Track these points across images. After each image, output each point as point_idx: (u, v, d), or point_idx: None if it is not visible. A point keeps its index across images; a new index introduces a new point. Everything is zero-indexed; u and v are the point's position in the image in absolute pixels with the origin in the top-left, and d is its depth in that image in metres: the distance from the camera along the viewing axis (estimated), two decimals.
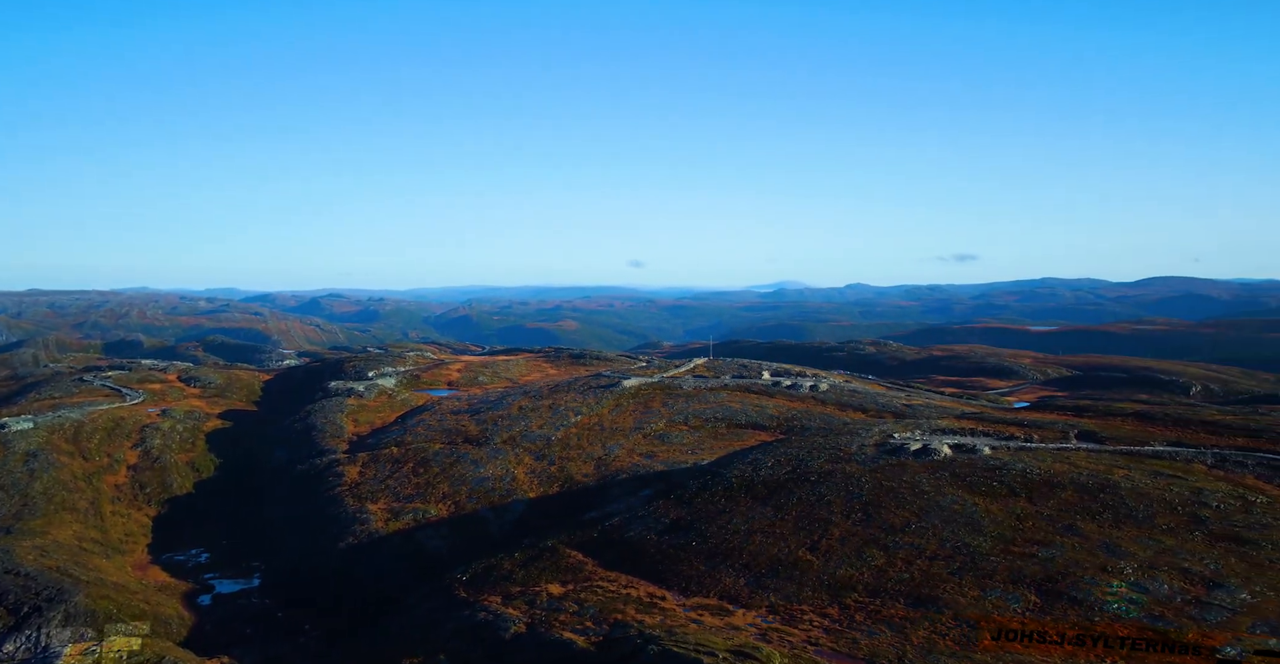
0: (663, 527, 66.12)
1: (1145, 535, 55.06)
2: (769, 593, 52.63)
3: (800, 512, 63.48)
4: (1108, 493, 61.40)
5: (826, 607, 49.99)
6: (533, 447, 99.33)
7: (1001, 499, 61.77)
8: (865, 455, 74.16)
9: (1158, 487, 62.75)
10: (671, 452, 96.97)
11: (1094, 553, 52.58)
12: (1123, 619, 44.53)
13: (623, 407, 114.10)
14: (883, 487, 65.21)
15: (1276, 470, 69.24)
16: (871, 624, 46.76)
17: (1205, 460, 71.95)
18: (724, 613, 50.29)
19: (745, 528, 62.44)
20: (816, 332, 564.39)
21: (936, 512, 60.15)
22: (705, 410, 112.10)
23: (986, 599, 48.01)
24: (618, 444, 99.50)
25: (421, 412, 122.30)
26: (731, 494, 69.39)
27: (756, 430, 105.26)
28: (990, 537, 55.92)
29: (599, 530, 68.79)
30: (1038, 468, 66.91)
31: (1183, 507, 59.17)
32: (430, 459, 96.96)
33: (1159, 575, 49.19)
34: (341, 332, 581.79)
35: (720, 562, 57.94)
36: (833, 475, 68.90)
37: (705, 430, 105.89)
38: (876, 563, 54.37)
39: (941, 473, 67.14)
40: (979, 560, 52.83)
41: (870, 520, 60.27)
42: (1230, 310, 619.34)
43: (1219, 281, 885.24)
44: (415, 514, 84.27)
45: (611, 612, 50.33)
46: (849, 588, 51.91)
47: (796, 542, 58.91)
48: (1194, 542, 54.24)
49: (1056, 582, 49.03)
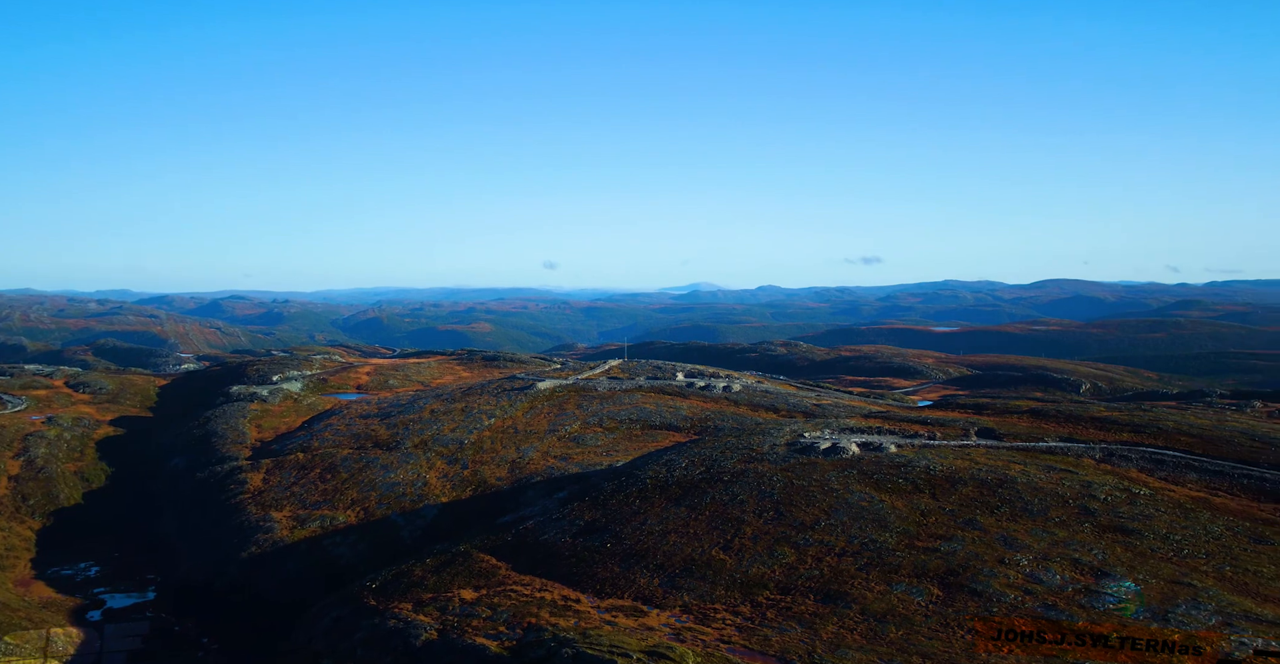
0: (577, 529, 65.94)
1: (1039, 528, 57.53)
2: (683, 593, 53.02)
3: (714, 511, 64.15)
4: (1005, 488, 63.95)
5: (739, 605, 50.62)
6: (445, 450, 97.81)
7: (906, 495, 63.66)
8: (777, 455, 75.44)
9: (1051, 481, 65.67)
10: (586, 453, 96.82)
11: (992, 546, 54.67)
12: (1019, 610, 46.40)
13: (537, 409, 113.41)
14: (794, 485, 66.44)
15: (1158, 463, 73.33)
16: (783, 621, 47.56)
17: (1094, 455, 75.66)
18: (639, 614, 50.43)
19: (660, 528, 62.77)
20: (729, 333, 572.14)
21: (845, 509, 61.60)
22: (620, 412, 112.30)
23: (893, 593, 49.38)
24: (532, 447, 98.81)
25: (329, 416, 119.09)
26: (646, 495, 69.67)
27: (671, 431, 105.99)
28: (896, 532, 57.56)
29: (513, 534, 68.17)
30: (940, 465, 69.21)
31: (1073, 500, 62.08)
32: (338, 465, 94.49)
33: (1052, 566, 51.46)
34: (244, 334, 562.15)
35: (635, 563, 58.09)
36: (745, 475, 69.86)
37: (620, 432, 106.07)
38: (788, 560, 55.34)
39: (850, 471, 68.81)
40: (885, 555, 54.32)
41: (782, 519, 61.33)
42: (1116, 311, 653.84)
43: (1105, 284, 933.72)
44: (322, 521, 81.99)
45: (525, 616, 49.91)
46: (761, 586, 52.70)
47: (710, 541, 59.51)
48: (1084, 533, 56.93)
49: (958, 575, 50.77)
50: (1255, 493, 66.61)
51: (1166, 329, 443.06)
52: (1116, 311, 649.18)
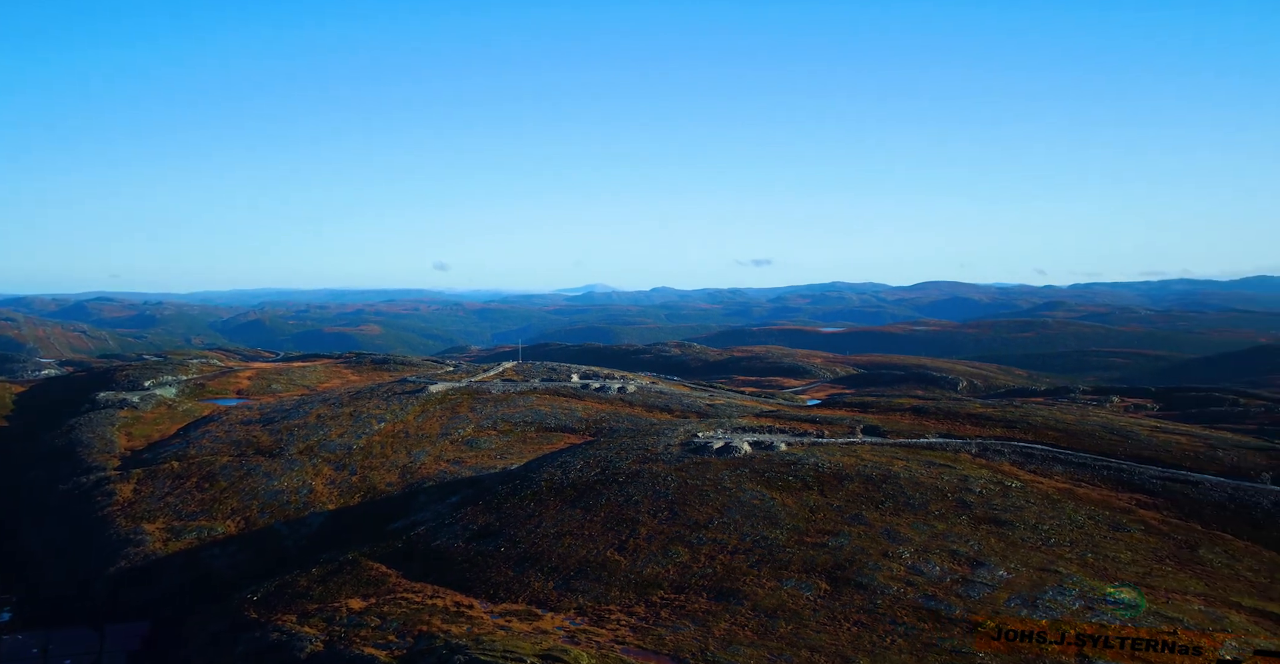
0: (471, 534, 64.97)
1: (921, 521, 59.95)
2: (578, 595, 52.91)
3: (609, 512, 64.27)
4: (889, 483, 66.38)
5: (634, 605, 50.86)
6: (332, 456, 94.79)
7: (796, 493, 65.31)
8: (671, 455, 76.19)
9: (931, 476, 68.54)
10: (480, 457, 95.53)
11: (877, 540, 56.64)
12: (901, 601, 48.21)
13: (429, 412, 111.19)
14: (688, 485, 67.22)
15: (1028, 457, 77.49)
16: (676, 620, 48.04)
17: (971, 450, 79.37)
18: (532, 617, 50.05)
19: (554, 531, 62.47)
20: (624, 334, 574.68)
21: (738, 507, 62.70)
22: (514, 414, 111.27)
23: (783, 589, 50.53)
24: (424, 451, 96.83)
25: (207, 423, 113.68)
26: (541, 498, 69.25)
27: (566, 433, 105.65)
28: (786, 529, 58.96)
29: (404, 540, 66.63)
30: (828, 462, 71.28)
31: (952, 493, 64.96)
32: (217, 473, 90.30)
33: (932, 558, 53.69)
34: (113, 338, 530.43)
35: (529, 566, 57.63)
36: (640, 475, 70.26)
37: (514, 434, 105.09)
38: (682, 559, 55.94)
39: (742, 469, 70.09)
40: (776, 552, 55.56)
41: (676, 518, 61.95)
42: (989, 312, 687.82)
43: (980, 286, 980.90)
44: (200, 532, 78.22)
45: (416, 623, 48.83)
46: (655, 585, 53.08)
47: (605, 542, 59.59)
48: (961, 525, 59.65)
49: (845, 569, 52.39)
50: (1114, 483, 71.20)
51: (1035, 329, 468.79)
52: (990, 312, 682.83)
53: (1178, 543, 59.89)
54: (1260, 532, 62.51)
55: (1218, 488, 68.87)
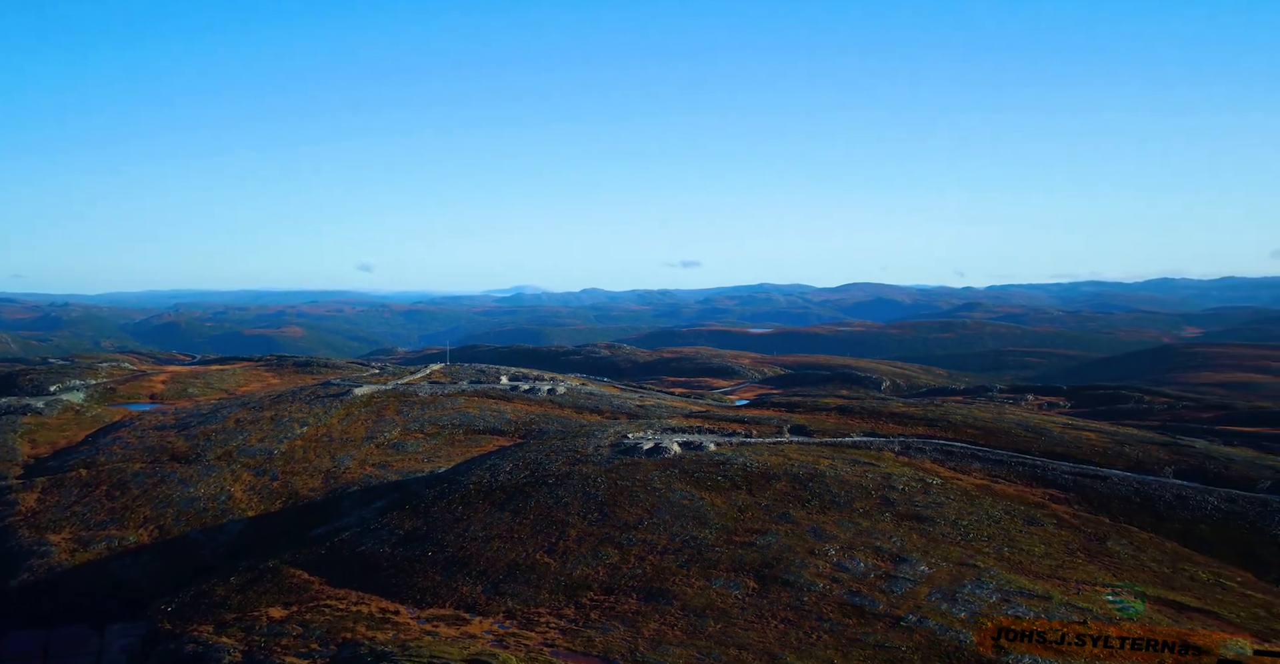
0: (397, 538, 63.86)
1: (845, 519, 61.11)
2: (507, 598, 52.47)
3: (539, 515, 63.90)
4: (815, 482, 67.51)
5: (563, 607, 50.65)
6: (252, 461, 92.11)
7: (725, 492, 65.91)
8: (601, 456, 76.14)
9: (855, 474, 69.95)
10: (407, 461, 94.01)
11: (804, 538, 57.54)
12: (827, 598, 49.06)
13: (354, 416, 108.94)
14: (618, 486, 67.26)
15: (948, 454, 79.70)
16: (606, 621, 48.00)
17: (893, 448, 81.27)
18: (460, 622, 49.43)
19: (483, 534, 61.84)
20: (554, 336, 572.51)
21: (667, 507, 62.99)
22: (442, 417, 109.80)
23: (712, 588, 50.94)
24: (349, 455, 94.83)
25: (118, 428, 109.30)
26: (469, 501, 68.47)
27: (495, 435, 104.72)
28: (715, 528, 59.45)
29: (327, 547, 65.11)
30: (756, 461, 72.15)
31: (875, 491, 66.39)
32: (129, 480, 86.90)
33: (856, 555, 54.78)
34: (14, 341, 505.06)
35: (457, 570, 56.91)
36: (570, 477, 70.05)
37: (442, 437, 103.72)
38: (611, 560, 55.94)
39: (672, 470, 70.45)
40: (705, 551, 55.98)
41: (606, 519, 61.92)
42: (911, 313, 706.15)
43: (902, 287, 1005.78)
44: (110, 542, 75.16)
45: (340, 631, 47.76)
46: (585, 587, 52.96)
47: (535, 545, 59.22)
48: (884, 522, 61.01)
49: (772, 567, 53.06)
50: (1029, 479, 73.75)
51: (955, 330, 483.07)
52: (912, 313, 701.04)
53: (1088, 536, 62.35)
54: (1163, 524, 65.52)
55: (1124, 482, 71.90)
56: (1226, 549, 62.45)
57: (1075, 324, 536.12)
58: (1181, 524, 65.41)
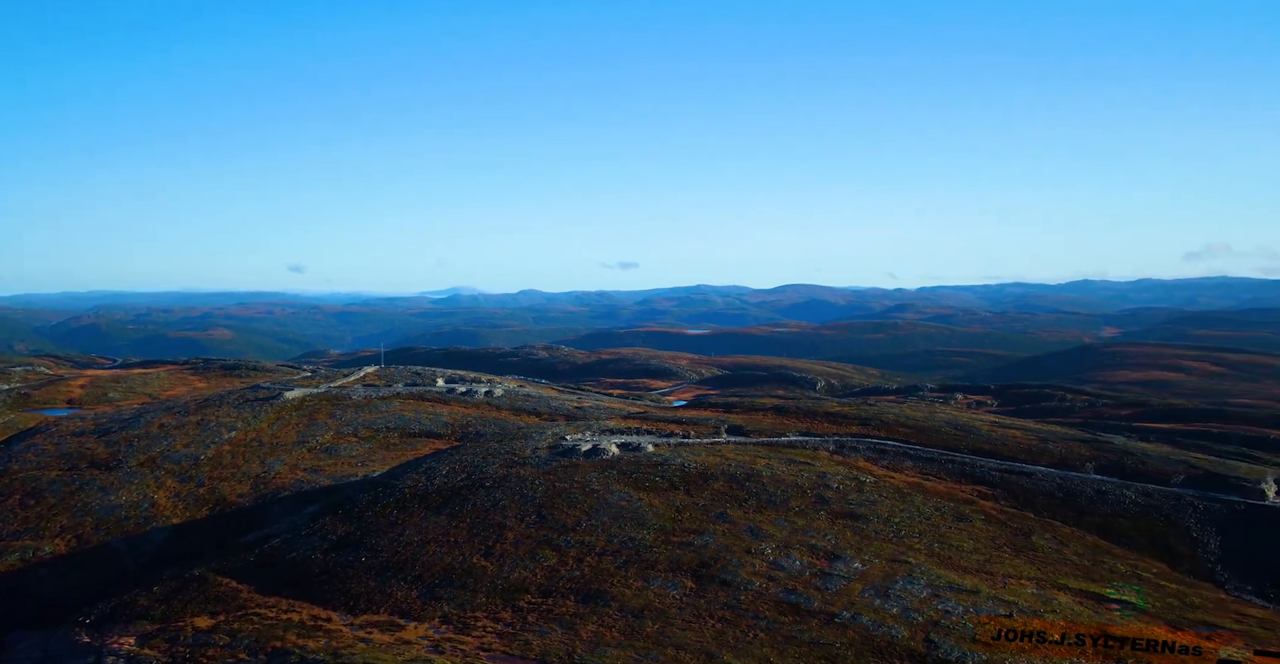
0: (329, 544, 62.60)
1: (782, 518, 61.88)
2: (442, 603, 51.84)
3: (475, 518, 63.30)
4: (752, 481, 68.20)
5: (500, 611, 50.28)
6: (177, 468, 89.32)
7: (663, 493, 66.16)
8: (539, 458, 75.73)
9: (791, 473, 70.87)
10: (340, 465, 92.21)
11: (741, 537, 58.08)
12: (764, 596, 49.62)
13: (285, 420, 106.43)
14: (555, 488, 67.00)
15: (881, 453, 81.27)
16: (544, 624, 47.79)
17: (828, 447, 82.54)
18: (395, 628, 48.69)
19: (419, 539, 61.00)
20: (491, 337, 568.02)
21: (605, 509, 62.97)
22: (377, 420, 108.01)
23: (649, 589, 51.09)
24: (279, 460, 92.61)
25: (32, 435, 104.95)
26: (404, 505, 67.47)
27: (431, 438, 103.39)
28: (653, 529, 59.64)
29: (256, 554, 63.52)
30: (694, 462, 72.58)
31: (811, 489, 67.37)
32: (44, 489, 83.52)
33: (792, 553, 55.51)
34: None
35: (392, 576, 56.05)
36: (508, 480, 69.54)
37: (377, 441, 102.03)
38: (549, 563, 55.70)
39: (610, 471, 70.44)
40: (643, 552, 56.12)
41: (544, 522, 61.63)
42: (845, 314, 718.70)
43: (836, 289, 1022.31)
44: (24, 553, 72.14)
45: (270, 640, 46.62)
46: (523, 590, 52.65)
47: (471, 549, 58.65)
48: (820, 520, 61.96)
49: (709, 566, 53.46)
50: (958, 476, 75.64)
51: (887, 330, 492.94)
52: (846, 314, 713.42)
53: (1014, 531, 64.22)
54: (1084, 518, 67.85)
55: (1048, 478, 74.24)
56: (1143, 542, 64.97)
57: (1002, 324, 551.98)
58: (1101, 518, 67.82)
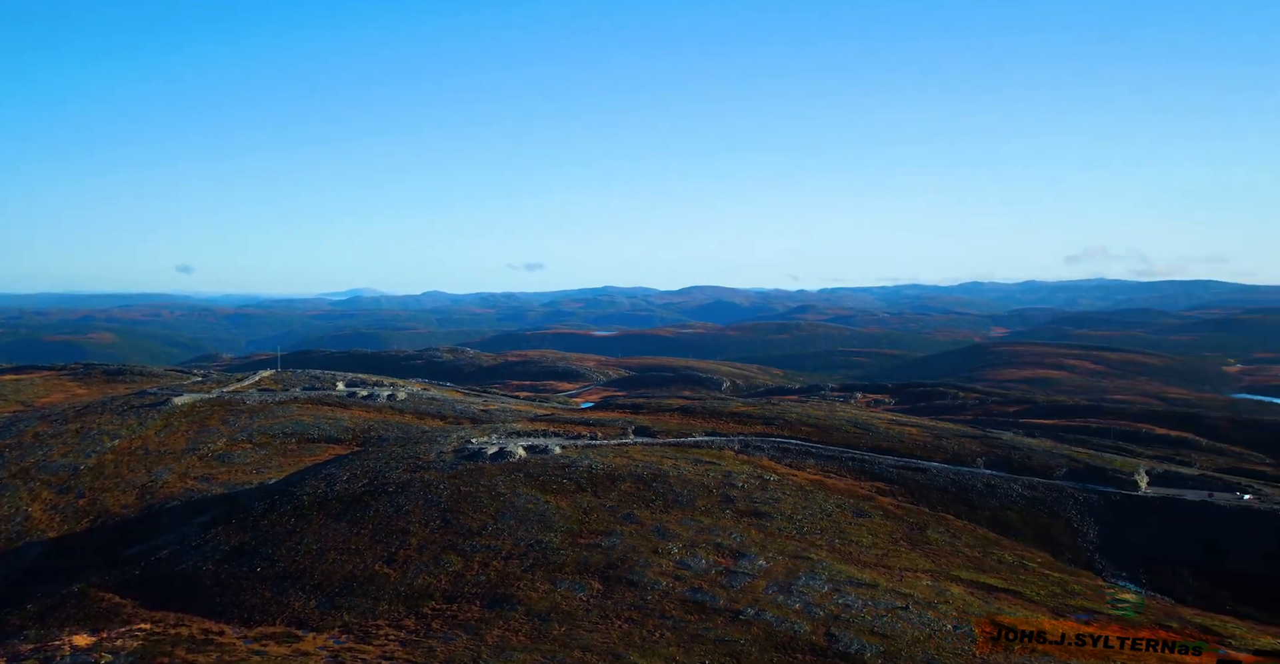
0: (222, 554, 60.14)
1: (688, 517, 62.48)
2: (343, 612, 50.45)
3: (377, 524, 61.82)
4: (659, 482, 68.65)
5: (404, 618, 49.24)
6: (54, 479, 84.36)
7: (570, 495, 65.95)
8: (444, 462, 74.48)
9: (698, 473, 71.63)
10: (234, 472, 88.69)
11: (648, 537, 58.38)
12: (670, 596, 49.97)
13: (173, 426, 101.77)
14: (461, 492, 66.03)
15: (785, 452, 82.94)
16: (448, 630, 47.02)
17: (734, 447, 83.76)
18: (292, 640, 47.10)
19: (318, 547, 59.20)
20: (394, 340, 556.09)
21: (512, 512, 62.38)
22: (273, 426, 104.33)
23: (556, 591, 50.85)
24: (167, 468, 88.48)
25: None
26: (303, 513, 65.37)
27: (331, 444, 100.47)
28: (560, 531, 59.39)
29: (142, 567, 60.56)
30: (601, 463, 72.60)
31: (717, 489, 68.24)
32: None
33: (699, 552, 56.10)
34: None
35: (289, 585, 54.22)
36: (411, 485, 68.17)
37: (273, 447, 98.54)
38: (454, 568, 54.84)
39: (517, 474, 69.82)
40: (550, 555, 55.81)
41: (449, 526, 60.65)
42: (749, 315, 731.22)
43: (740, 290, 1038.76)
44: None
45: (155, 656, 44.44)
46: (427, 596, 51.69)
47: (373, 555, 57.25)
48: (725, 519, 62.80)
49: (617, 567, 53.55)
50: (858, 473, 77.84)
51: (790, 331, 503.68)
52: (750, 315, 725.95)
53: (910, 525, 66.47)
54: (975, 511, 70.76)
55: (942, 474, 77.13)
56: (1029, 533, 68.18)
57: (898, 325, 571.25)
58: (991, 511, 70.85)
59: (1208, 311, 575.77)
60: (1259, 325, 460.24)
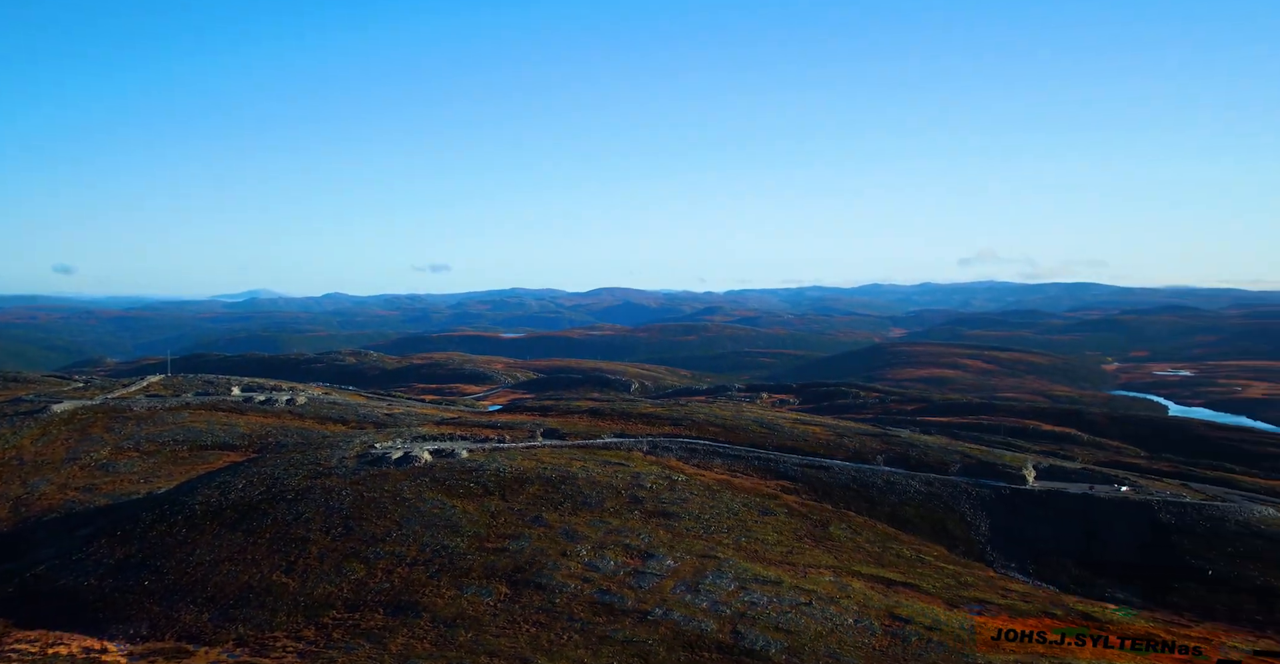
0: (106, 568, 57.15)
1: (597, 519, 62.46)
2: (238, 624, 48.59)
3: (275, 533, 59.76)
4: (568, 484, 68.41)
5: (303, 628, 47.75)
6: None
7: (478, 499, 65.11)
8: (346, 468, 72.54)
9: (606, 474, 71.68)
10: (119, 482, 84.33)
11: (556, 540, 58.10)
12: (579, 598, 49.87)
13: (52, 435, 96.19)
14: (364, 498, 64.42)
15: (693, 452, 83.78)
16: (350, 639, 45.82)
17: (642, 448, 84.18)
18: (182, 655, 45.15)
19: (211, 557, 56.85)
20: (294, 343, 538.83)
21: (418, 517, 61.18)
22: (163, 433, 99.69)
23: (463, 597, 50.12)
24: (45, 479, 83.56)
25: None
26: (195, 523, 62.67)
27: (226, 451, 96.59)
28: (467, 536, 58.55)
29: (16, 583, 57.06)
30: (510, 466, 71.91)
31: (625, 490, 68.43)
32: None
33: (607, 553, 56.14)
34: None
35: (180, 598, 51.92)
36: (312, 492, 66.15)
37: (163, 455, 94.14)
38: (357, 576, 53.47)
39: (422, 479, 68.53)
40: (457, 560, 54.97)
41: (351, 533, 59.09)
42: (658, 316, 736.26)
43: (649, 292, 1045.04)
44: None
45: None
46: (328, 606, 50.24)
47: (271, 565, 55.31)
48: (634, 520, 63.03)
49: (525, 571, 53.12)
50: (764, 472, 79.24)
51: (698, 332, 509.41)
52: (658, 317, 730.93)
53: (814, 522, 68.04)
54: (876, 507, 72.93)
55: (844, 471, 79.22)
56: (926, 527, 70.65)
57: (802, 326, 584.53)
58: (890, 507, 73.14)
59: (1088, 313, 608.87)
60: (1134, 325, 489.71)
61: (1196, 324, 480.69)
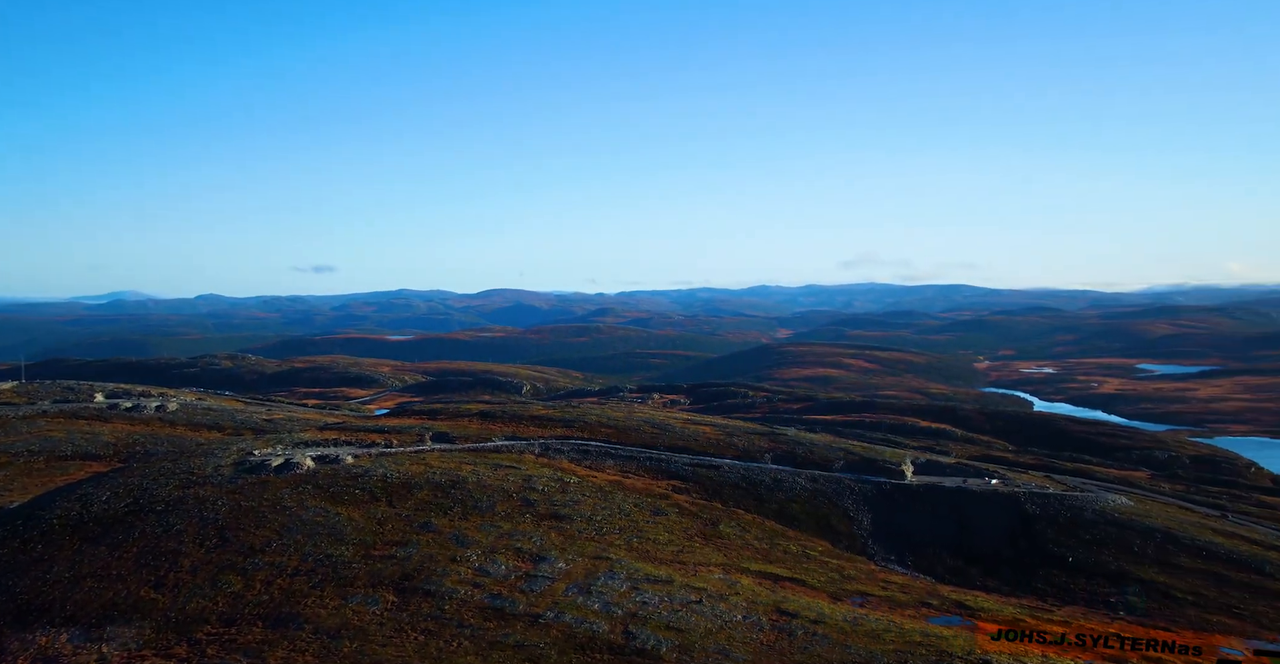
0: None
1: (488, 523, 61.64)
2: (101, 644, 45.66)
3: (144, 546, 56.50)
4: (458, 488, 67.27)
5: (174, 646, 45.26)
6: None
7: (364, 505, 63.26)
8: (222, 476, 69.30)
9: (498, 478, 70.84)
10: None
11: (446, 546, 57.02)
12: (469, 604, 49.07)
13: None
14: (241, 507, 61.67)
15: (585, 453, 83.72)
16: (225, 655, 43.72)
17: (534, 450, 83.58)
18: None
19: (71, 574, 53.30)
20: (164, 346, 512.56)
21: (300, 526, 58.98)
22: (15, 443, 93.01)
23: (347, 606, 48.55)
24: None
25: None
26: (53, 538, 58.65)
27: (88, 461, 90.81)
28: (352, 544, 56.79)
29: None
30: (397, 471, 70.19)
31: (517, 493, 67.77)
32: None
33: (498, 558, 55.46)
34: None
35: (35, 619, 48.43)
36: (184, 502, 62.88)
37: (16, 467, 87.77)
38: (233, 589, 51.09)
39: (305, 486, 66.16)
40: (341, 569, 53.23)
41: (227, 545, 56.44)
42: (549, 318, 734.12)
43: (540, 293, 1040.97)
44: None
45: None
46: (202, 621, 47.80)
47: (139, 580, 52.26)
48: (525, 523, 62.48)
49: (413, 578, 51.89)
50: (655, 472, 79.88)
51: (589, 334, 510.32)
52: (550, 318, 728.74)
53: (704, 521, 68.98)
54: (764, 505, 74.53)
55: (733, 470, 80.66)
56: (811, 523, 72.67)
57: (692, 327, 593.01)
58: (778, 504, 74.89)
59: (961, 313, 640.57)
60: (1003, 325, 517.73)
61: (1058, 324, 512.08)
